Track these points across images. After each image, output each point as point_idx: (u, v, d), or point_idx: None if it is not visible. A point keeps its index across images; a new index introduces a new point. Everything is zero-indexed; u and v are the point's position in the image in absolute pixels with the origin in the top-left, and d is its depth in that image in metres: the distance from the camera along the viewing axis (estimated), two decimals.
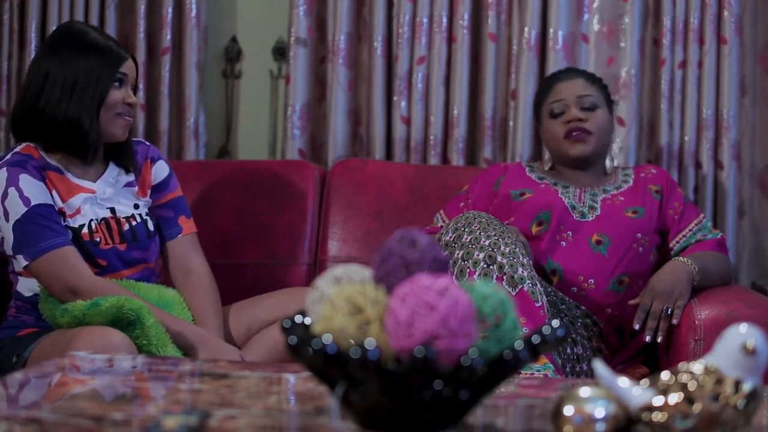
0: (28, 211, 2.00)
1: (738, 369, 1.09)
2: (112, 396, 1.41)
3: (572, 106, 2.43)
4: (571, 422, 1.10)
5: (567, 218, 2.33)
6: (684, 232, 2.39)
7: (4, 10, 3.01)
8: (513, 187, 2.43)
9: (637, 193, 2.41)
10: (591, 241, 2.31)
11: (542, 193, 2.39)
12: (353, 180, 2.70)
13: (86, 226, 2.08)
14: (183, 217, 2.25)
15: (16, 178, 2.01)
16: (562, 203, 2.35)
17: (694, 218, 2.41)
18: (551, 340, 1.14)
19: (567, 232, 2.31)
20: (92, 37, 2.09)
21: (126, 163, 2.18)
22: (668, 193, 2.43)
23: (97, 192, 2.12)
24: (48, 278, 2.00)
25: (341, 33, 2.93)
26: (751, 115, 2.84)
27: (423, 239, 1.16)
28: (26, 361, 1.97)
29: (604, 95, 2.49)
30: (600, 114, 2.43)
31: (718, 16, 2.78)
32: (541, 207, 2.34)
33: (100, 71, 2.06)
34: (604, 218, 2.34)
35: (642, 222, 2.34)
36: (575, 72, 2.53)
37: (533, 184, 2.44)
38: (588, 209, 2.35)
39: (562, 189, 2.40)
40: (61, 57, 2.06)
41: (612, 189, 2.42)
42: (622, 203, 2.38)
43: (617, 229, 2.32)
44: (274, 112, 3.19)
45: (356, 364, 1.06)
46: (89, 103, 2.05)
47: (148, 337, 1.91)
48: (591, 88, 2.46)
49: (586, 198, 2.38)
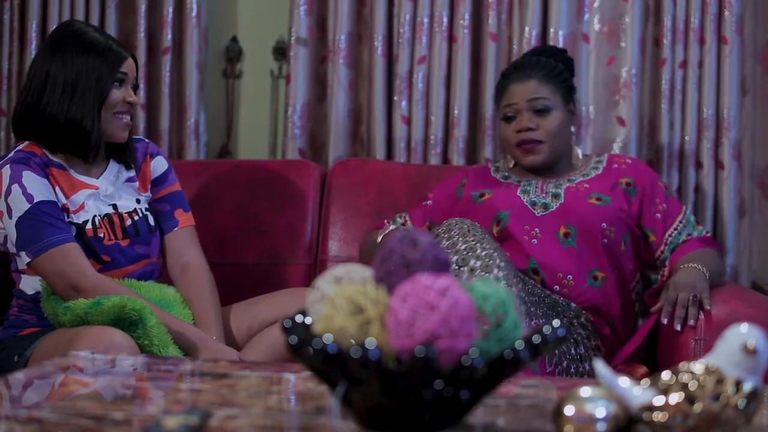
0: (31, 208, 2.00)
1: (739, 369, 1.09)
2: (113, 396, 1.41)
3: (524, 111, 2.35)
4: (572, 422, 1.10)
5: (527, 216, 2.30)
6: (670, 231, 2.35)
7: (4, 9, 3.01)
8: (474, 189, 2.41)
9: (604, 181, 2.36)
10: (559, 234, 2.27)
11: (501, 194, 2.36)
12: (354, 180, 2.71)
13: (90, 222, 2.08)
14: (180, 210, 2.26)
15: (19, 175, 2.02)
16: (520, 202, 2.32)
17: (678, 214, 2.38)
18: (552, 340, 1.14)
19: (534, 230, 2.28)
20: (92, 37, 2.10)
21: (127, 160, 2.20)
22: (648, 189, 2.37)
23: (100, 188, 2.13)
24: (51, 275, 2.00)
25: (342, 33, 2.93)
26: (752, 115, 2.84)
27: (424, 239, 1.16)
28: (28, 360, 1.97)
29: (560, 90, 2.39)
30: (553, 117, 2.35)
31: (718, 15, 2.78)
32: (498, 208, 2.32)
33: (101, 71, 2.07)
34: (567, 206, 2.30)
35: (607, 211, 2.29)
36: (530, 69, 2.39)
37: (495, 184, 2.41)
38: (551, 198, 2.32)
39: (524, 185, 2.37)
40: (62, 57, 2.06)
41: (578, 177, 2.38)
42: (587, 190, 2.34)
43: (582, 218, 2.28)
44: (275, 111, 3.19)
45: (357, 363, 1.06)
46: (91, 103, 2.06)
47: (149, 338, 1.92)
48: (544, 88, 2.36)
49: (549, 188, 2.35)
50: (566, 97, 2.40)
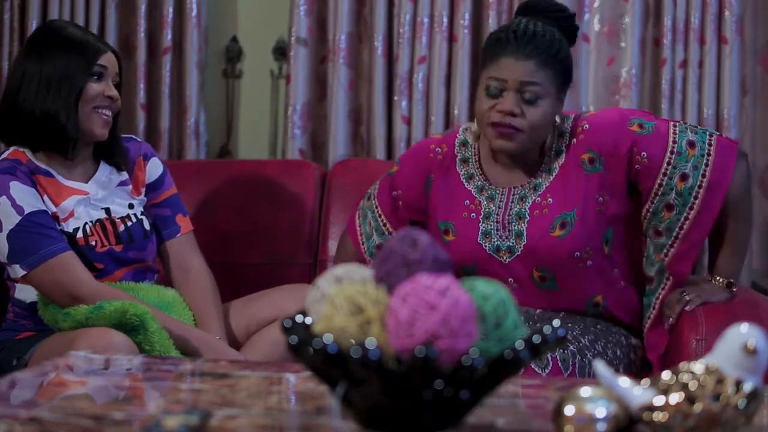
0: (22, 220, 1.97)
1: (739, 369, 1.09)
2: (113, 396, 1.41)
3: (511, 92, 2.00)
4: (572, 422, 1.10)
5: (495, 266, 2.09)
6: (657, 181, 2.05)
7: (4, 9, 3.00)
8: (440, 216, 2.16)
9: (566, 182, 2.07)
10: (534, 279, 2.08)
11: (464, 240, 2.11)
12: (354, 180, 2.70)
13: (81, 230, 2.05)
14: (180, 215, 2.23)
15: (6, 186, 1.99)
16: (483, 253, 2.09)
17: (663, 153, 2.04)
18: (552, 340, 1.14)
19: (508, 279, 2.08)
20: (69, 32, 2.07)
21: (117, 162, 2.15)
22: (616, 150, 2.05)
23: (90, 193, 2.09)
24: (48, 286, 1.98)
25: (342, 33, 2.93)
26: (752, 115, 2.84)
27: (424, 239, 1.16)
28: (27, 363, 1.96)
29: (558, 77, 2.04)
30: (541, 107, 2.01)
31: (718, 15, 2.78)
32: (463, 261, 2.10)
33: (77, 65, 2.02)
34: (531, 248, 2.06)
35: (573, 237, 2.04)
36: (532, 46, 2.01)
37: (458, 211, 2.14)
38: (514, 238, 2.07)
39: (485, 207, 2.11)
40: (39, 54, 2.03)
41: (544, 181, 2.09)
42: (550, 212, 2.07)
43: (551, 258, 2.06)
44: (275, 111, 3.19)
45: (357, 363, 1.06)
46: (66, 97, 2.01)
47: (151, 343, 1.90)
48: (541, 73, 2.00)
49: (513, 207, 2.10)
50: (561, 86, 2.07)
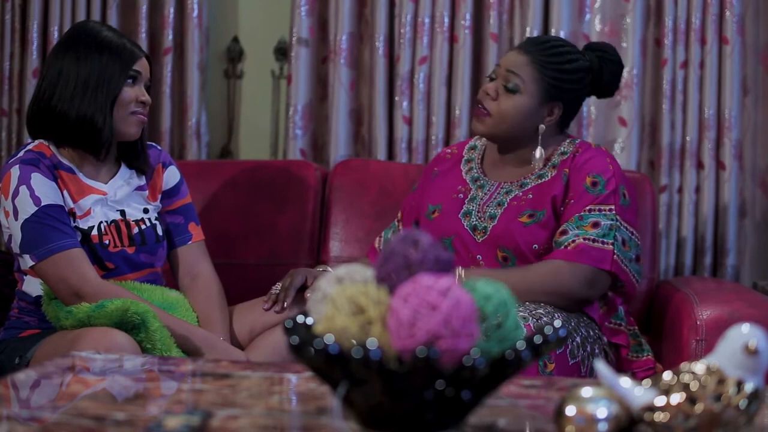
0: (38, 211, 1.99)
1: (740, 369, 1.09)
2: (114, 396, 1.41)
3: (498, 78, 2.17)
4: (573, 422, 1.10)
5: (469, 243, 2.19)
6: (564, 225, 2.12)
7: (5, 9, 3.01)
8: (433, 199, 2.29)
9: (551, 189, 2.16)
10: (498, 258, 2.16)
11: (448, 215, 2.24)
12: (355, 180, 2.70)
13: (96, 228, 2.07)
14: (193, 223, 2.25)
15: (27, 177, 2.01)
16: (461, 228, 2.19)
17: (586, 205, 2.11)
18: (553, 340, 1.14)
19: (477, 256, 2.17)
20: (106, 36, 2.10)
21: (139, 165, 2.18)
22: (572, 178, 2.14)
23: (109, 194, 2.12)
24: (53, 280, 1.99)
25: (343, 33, 2.93)
26: (753, 116, 2.84)
27: (425, 239, 1.16)
28: (29, 362, 1.97)
29: (543, 84, 2.14)
30: (515, 100, 2.13)
31: (719, 16, 2.78)
32: (442, 233, 2.20)
33: (113, 69, 2.06)
34: (498, 229, 2.15)
35: (535, 229, 2.13)
36: (535, 46, 2.18)
37: (449, 194, 2.26)
38: (488, 219, 2.18)
39: (474, 192, 2.23)
40: (75, 55, 2.06)
41: (531, 182, 2.19)
42: (526, 204, 2.16)
43: (511, 241, 2.14)
44: (276, 112, 3.20)
45: (358, 364, 1.06)
46: (102, 101, 2.05)
47: (152, 341, 1.91)
48: (528, 69, 2.14)
49: (497, 197, 2.20)
50: (546, 94, 2.15)
